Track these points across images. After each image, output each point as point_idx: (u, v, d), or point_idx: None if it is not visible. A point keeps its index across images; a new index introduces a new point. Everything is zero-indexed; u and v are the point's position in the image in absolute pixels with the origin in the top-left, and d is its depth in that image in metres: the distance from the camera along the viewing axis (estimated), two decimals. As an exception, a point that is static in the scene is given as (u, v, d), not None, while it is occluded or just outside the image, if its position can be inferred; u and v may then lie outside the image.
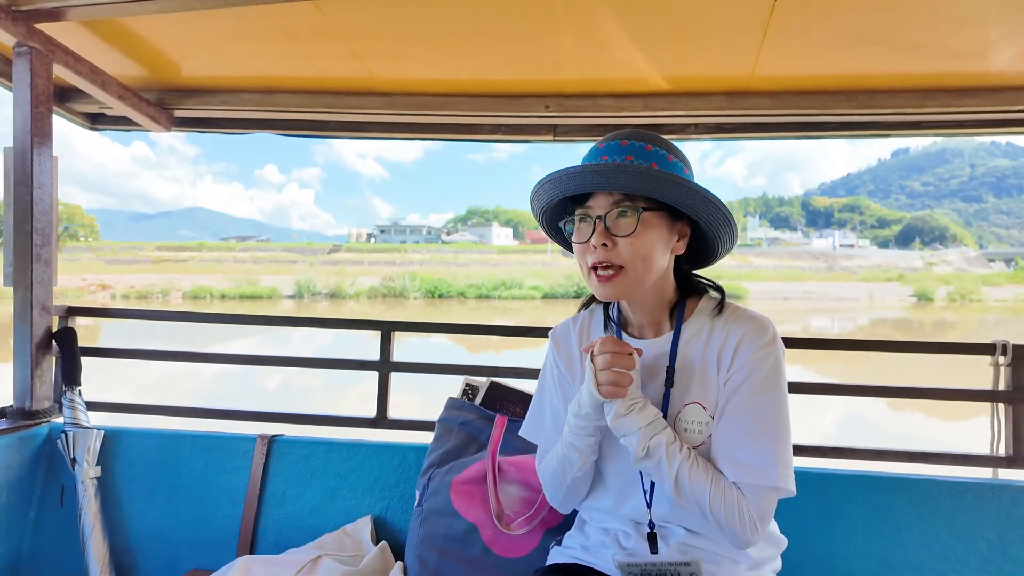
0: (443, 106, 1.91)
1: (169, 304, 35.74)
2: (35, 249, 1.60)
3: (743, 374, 0.93)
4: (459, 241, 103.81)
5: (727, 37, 1.52)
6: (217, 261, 55.44)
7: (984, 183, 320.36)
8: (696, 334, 1.00)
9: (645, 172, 0.89)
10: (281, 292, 39.19)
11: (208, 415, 1.76)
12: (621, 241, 0.92)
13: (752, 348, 0.94)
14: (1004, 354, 1.52)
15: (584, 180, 0.92)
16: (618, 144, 0.95)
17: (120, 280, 40.11)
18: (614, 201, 0.92)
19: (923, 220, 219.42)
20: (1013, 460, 1.50)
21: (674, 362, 0.99)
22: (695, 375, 0.98)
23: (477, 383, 1.54)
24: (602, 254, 0.92)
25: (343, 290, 39.78)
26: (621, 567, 0.97)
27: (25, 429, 1.61)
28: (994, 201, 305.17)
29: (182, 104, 1.98)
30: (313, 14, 1.48)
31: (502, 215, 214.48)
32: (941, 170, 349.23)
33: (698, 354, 0.98)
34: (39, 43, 1.56)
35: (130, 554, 1.60)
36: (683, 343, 1.00)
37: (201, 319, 1.96)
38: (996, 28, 1.43)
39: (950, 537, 1.36)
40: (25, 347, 1.62)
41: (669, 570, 0.95)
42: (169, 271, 45.90)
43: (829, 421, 7.77)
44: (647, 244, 0.93)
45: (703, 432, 0.95)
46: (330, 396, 8.85)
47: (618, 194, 0.92)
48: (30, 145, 1.57)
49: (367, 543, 1.46)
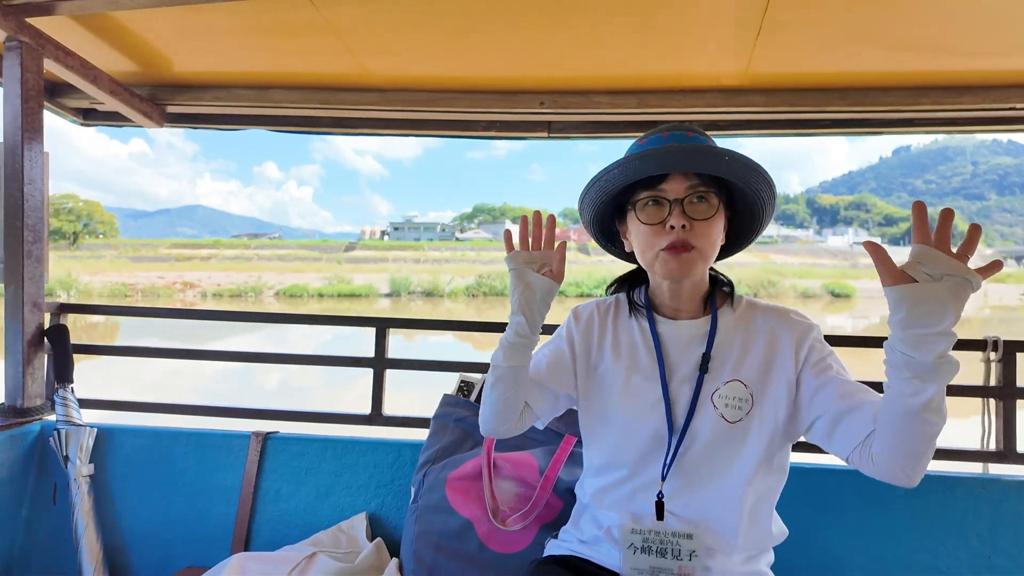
0: (438, 102, 1.90)
1: (262, 303, 35.13)
2: (26, 246, 1.58)
3: (826, 358, 0.98)
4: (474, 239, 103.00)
5: (721, 35, 1.52)
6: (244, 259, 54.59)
7: (986, 181, 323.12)
8: (736, 323, 1.04)
9: (735, 157, 0.93)
10: (378, 290, 39.04)
11: (202, 412, 1.75)
12: (698, 224, 0.95)
13: (811, 330, 1.01)
14: (995, 350, 1.54)
15: (668, 160, 0.94)
16: (684, 134, 0.98)
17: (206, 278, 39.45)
18: (691, 185, 0.95)
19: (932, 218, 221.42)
20: (1003, 455, 1.51)
21: (711, 349, 1.01)
22: (733, 359, 1.00)
23: (472, 380, 1.54)
24: (680, 234, 0.95)
25: (439, 288, 39.54)
26: (624, 533, 0.98)
27: (17, 427, 1.60)
28: (997, 199, 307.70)
29: (174, 100, 1.97)
30: (306, 9, 1.47)
31: (509, 212, 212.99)
32: (943, 168, 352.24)
33: (738, 339, 1.02)
34: (29, 37, 1.55)
35: (123, 552, 1.60)
36: (721, 329, 1.03)
37: (200, 316, 1.95)
38: (988, 26, 1.44)
39: (941, 531, 1.38)
40: (16, 344, 1.61)
41: (671, 541, 0.96)
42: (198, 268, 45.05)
43: None
44: (718, 229, 0.98)
45: (742, 408, 0.97)
46: (330, 395, 8.81)
47: (695, 178, 0.95)
48: (20, 141, 1.56)
49: (362, 540, 1.46)
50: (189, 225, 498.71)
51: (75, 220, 69.84)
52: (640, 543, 0.97)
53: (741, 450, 0.97)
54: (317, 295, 37.53)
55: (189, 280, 38.72)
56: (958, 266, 0.76)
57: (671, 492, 0.99)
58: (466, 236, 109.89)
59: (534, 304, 1.00)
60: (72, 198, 69.78)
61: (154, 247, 62.25)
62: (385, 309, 33.28)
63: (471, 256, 60.65)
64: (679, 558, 0.96)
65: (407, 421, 1.68)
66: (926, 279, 0.77)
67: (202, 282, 38.61)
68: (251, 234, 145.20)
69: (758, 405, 0.98)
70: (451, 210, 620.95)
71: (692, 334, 1.04)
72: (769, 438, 0.97)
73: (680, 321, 1.06)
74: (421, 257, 58.66)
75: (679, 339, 1.04)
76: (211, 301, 35.19)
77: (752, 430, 0.97)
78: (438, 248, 67.91)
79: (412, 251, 64.10)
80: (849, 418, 0.90)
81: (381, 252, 63.55)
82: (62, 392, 1.64)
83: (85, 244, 62.37)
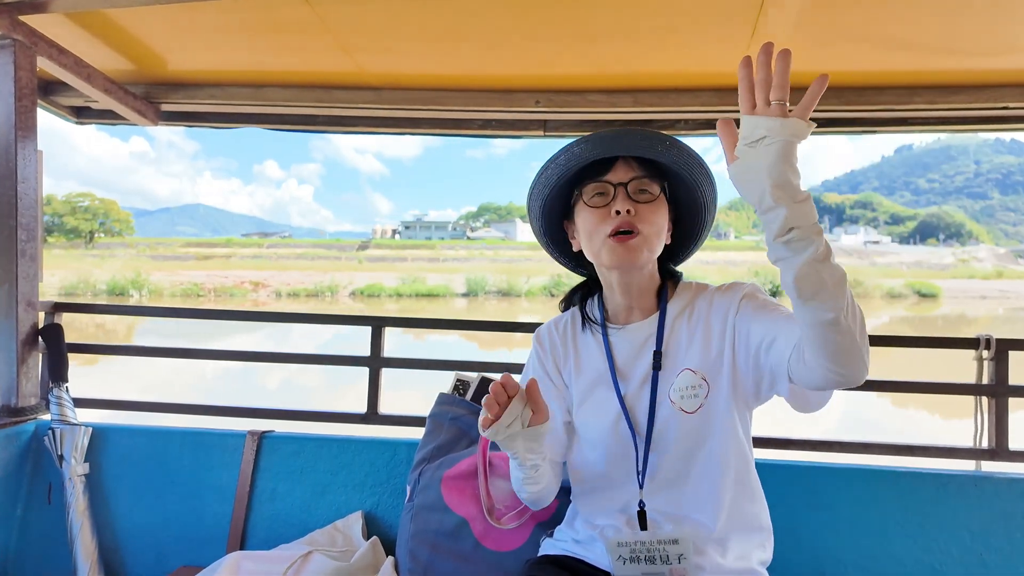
0: (433, 101, 1.90)
1: (337, 303, 34.77)
2: (20, 244, 1.58)
3: (747, 307, 0.97)
4: (485, 237, 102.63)
5: (716, 34, 1.52)
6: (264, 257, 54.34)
7: (990, 180, 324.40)
8: (680, 314, 1.04)
9: (675, 142, 0.96)
10: (454, 290, 38.97)
11: (197, 411, 1.75)
12: (642, 209, 0.97)
13: (741, 290, 1.00)
14: (988, 348, 1.55)
15: (614, 144, 0.96)
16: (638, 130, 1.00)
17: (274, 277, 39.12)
18: (635, 174, 0.98)
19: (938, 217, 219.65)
20: (995, 453, 1.52)
21: (661, 346, 1.02)
22: (682, 349, 1.01)
23: (468, 378, 1.54)
24: (624, 219, 0.96)
25: (516, 288, 39.48)
26: (611, 547, 0.98)
27: (11, 426, 1.59)
28: (1000, 198, 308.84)
29: (169, 98, 1.96)
30: (301, 7, 1.47)
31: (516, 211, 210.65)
32: (946, 167, 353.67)
33: (683, 330, 1.03)
34: (22, 35, 1.54)
35: (119, 551, 1.60)
36: (669, 322, 1.04)
37: (197, 315, 1.94)
38: (981, 25, 1.45)
39: (934, 528, 1.39)
40: (11, 343, 1.60)
41: (658, 548, 0.96)
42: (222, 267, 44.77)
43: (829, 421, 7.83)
44: (662, 216, 1.00)
45: (698, 396, 0.97)
46: (330, 395, 8.79)
47: (639, 168, 0.98)
48: (14, 139, 1.55)
49: (358, 539, 1.46)
50: (190, 224, 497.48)
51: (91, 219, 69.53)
52: (628, 554, 0.98)
53: (708, 438, 0.98)
54: (395, 294, 37.53)
55: (256, 279, 38.71)
56: (765, 122, 0.69)
57: (652, 497, 1.00)
58: (477, 235, 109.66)
59: (537, 448, 0.96)
60: (88, 196, 69.60)
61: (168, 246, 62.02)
62: (463, 309, 32.99)
63: (489, 255, 60.65)
64: (668, 562, 0.96)
65: (403, 420, 1.68)
66: (745, 152, 0.73)
67: (268, 281, 38.58)
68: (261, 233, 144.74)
69: (714, 387, 0.98)
70: (452, 208, 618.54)
71: (644, 336, 1.05)
72: (734, 415, 0.98)
73: (631, 326, 1.06)
74: (439, 256, 58.55)
75: (632, 344, 1.05)
76: (286, 301, 34.98)
77: (715, 412, 0.98)
78: (452, 247, 67.77)
79: (426, 250, 63.94)
80: (782, 335, 0.87)
81: (397, 251, 63.41)
82: (57, 391, 1.63)
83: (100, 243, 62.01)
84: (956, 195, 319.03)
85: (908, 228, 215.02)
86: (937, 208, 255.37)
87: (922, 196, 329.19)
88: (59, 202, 69.29)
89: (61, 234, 68.07)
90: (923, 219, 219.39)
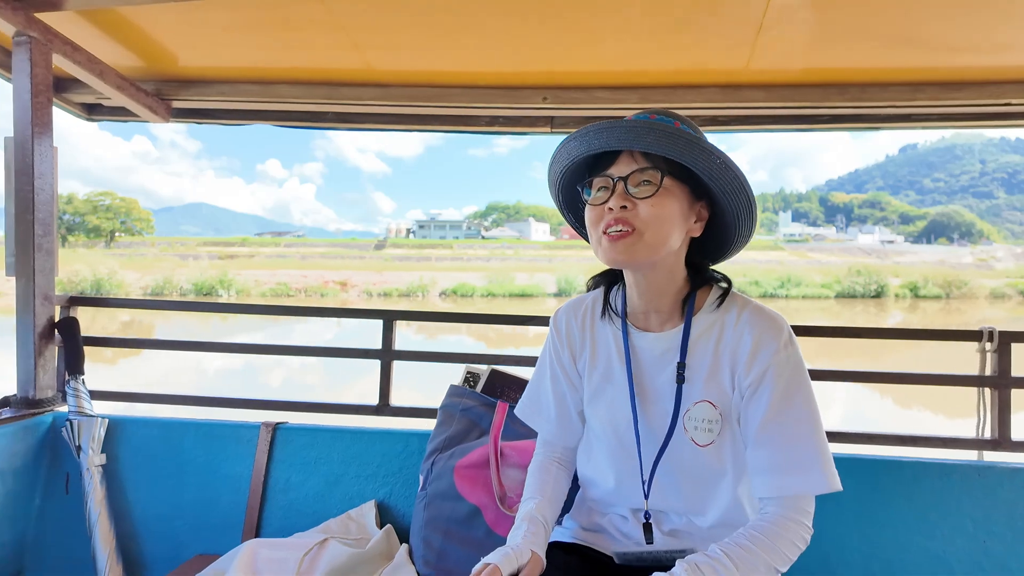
0: (440, 97, 1.92)
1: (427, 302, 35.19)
2: (36, 239, 1.60)
3: (767, 383, 0.90)
4: (501, 236, 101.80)
5: (723, 30, 1.54)
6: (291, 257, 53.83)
7: (995, 179, 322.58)
8: (708, 329, 0.96)
9: (672, 132, 0.86)
10: (544, 290, 39.27)
11: (211, 403, 1.78)
12: (640, 204, 0.89)
13: (770, 353, 0.90)
14: (991, 340, 1.57)
15: (610, 137, 0.89)
16: (647, 116, 0.93)
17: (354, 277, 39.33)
18: (637, 166, 0.90)
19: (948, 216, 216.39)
20: (998, 443, 1.55)
21: (684, 357, 0.95)
22: (705, 372, 0.95)
23: (478, 371, 1.57)
24: (618, 215, 0.89)
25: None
26: (618, 556, 1.00)
27: (29, 418, 1.62)
28: (1006, 197, 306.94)
29: (180, 95, 1.98)
30: (312, 4, 1.48)
31: (524, 211, 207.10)
32: (951, 166, 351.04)
33: (710, 351, 0.95)
34: (38, 32, 1.56)
35: (136, 540, 1.62)
36: (694, 338, 0.96)
37: (209, 309, 1.97)
38: (984, 22, 1.46)
39: (937, 517, 1.41)
40: (28, 336, 1.63)
41: (664, 557, 0.97)
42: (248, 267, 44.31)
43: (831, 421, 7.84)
44: (666, 210, 0.89)
45: (713, 431, 0.94)
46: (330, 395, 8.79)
47: (642, 160, 0.90)
48: (30, 135, 1.57)
49: (371, 527, 1.49)
50: (193, 223, 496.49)
51: (112, 217, 69.41)
52: (635, 561, 0.99)
53: (718, 469, 0.96)
54: (487, 294, 37.85)
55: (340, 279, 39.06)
56: None
57: (657, 507, 1.00)
58: (492, 234, 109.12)
59: None
60: (110, 195, 69.81)
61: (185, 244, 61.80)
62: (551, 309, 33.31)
63: (509, 254, 60.55)
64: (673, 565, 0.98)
65: (414, 412, 1.70)
66: None
67: (353, 281, 38.89)
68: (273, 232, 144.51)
69: (727, 423, 0.94)
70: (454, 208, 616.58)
71: (665, 348, 0.98)
72: (743, 447, 0.95)
73: (649, 335, 1.00)
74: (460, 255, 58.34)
75: (651, 353, 0.99)
76: (378, 300, 35.47)
77: (726, 447, 0.95)
78: (471, 246, 67.57)
79: (445, 249, 63.71)
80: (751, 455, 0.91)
81: (416, 250, 63.18)
82: (73, 383, 1.66)
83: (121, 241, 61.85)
84: (962, 194, 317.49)
85: (918, 228, 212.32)
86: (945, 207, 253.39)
87: (927, 196, 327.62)
88: (80, 201, 69.31)
89: (82, 233, 68.01)
90: (933, 218, 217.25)
